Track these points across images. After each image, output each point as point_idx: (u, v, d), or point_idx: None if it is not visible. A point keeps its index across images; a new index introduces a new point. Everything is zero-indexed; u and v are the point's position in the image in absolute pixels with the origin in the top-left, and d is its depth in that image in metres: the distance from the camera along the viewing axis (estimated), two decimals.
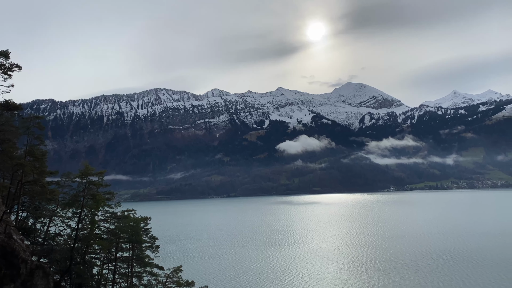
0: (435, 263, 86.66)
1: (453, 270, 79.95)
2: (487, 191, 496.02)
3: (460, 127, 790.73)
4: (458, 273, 77.31)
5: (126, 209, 44.82)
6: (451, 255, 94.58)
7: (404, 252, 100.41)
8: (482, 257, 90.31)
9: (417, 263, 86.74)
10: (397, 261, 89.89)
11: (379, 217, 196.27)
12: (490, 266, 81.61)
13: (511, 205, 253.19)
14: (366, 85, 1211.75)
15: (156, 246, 44.15)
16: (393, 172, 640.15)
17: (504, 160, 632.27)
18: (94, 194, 43.04)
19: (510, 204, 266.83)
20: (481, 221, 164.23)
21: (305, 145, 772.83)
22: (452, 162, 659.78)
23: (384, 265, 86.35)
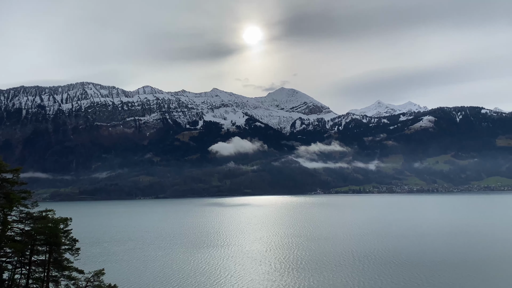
0: (358, 263, 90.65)
1: (375, 269, 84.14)
2: (404, 195, 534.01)
3: (383, 135, 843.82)
4: (380, 272, 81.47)
5: (44, 209, 41.08)
6: (373, 255, 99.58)
7: (330, 252, 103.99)
8: (401, 257, 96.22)
9: (342, 263, 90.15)
10: (323, 261, 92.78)
11: (306, 219, 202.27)
12: (409, 266, 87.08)
13: (426, 209, 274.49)
14: (298, 91, 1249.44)
15: (77, 248, 41.02)
16: (321, 176, 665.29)
17: (420, 167, 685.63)
18: (8, 192, 39.01)
19: (424, 207, 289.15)
20: (399, 223, 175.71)
21: (238, 147, 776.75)
22: (374, 168, 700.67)
23: (311, 265, 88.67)
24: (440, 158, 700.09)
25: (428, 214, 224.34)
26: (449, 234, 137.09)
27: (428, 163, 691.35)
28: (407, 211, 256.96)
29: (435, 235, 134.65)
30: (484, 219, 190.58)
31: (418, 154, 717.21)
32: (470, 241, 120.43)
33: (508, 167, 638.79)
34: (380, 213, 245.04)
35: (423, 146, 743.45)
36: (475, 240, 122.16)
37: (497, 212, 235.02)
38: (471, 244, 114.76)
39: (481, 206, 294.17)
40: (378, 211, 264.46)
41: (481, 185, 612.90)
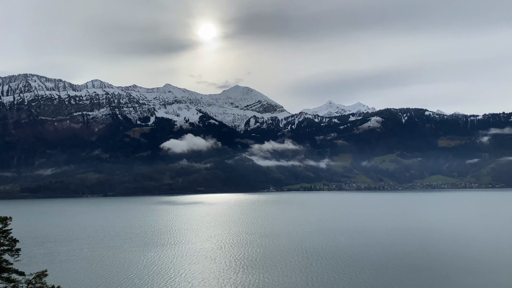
0: (310, 259, 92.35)
1: (326, 265, 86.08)
2: (353, 193, 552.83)
3: (333, 134, 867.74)
4: (331, 267, 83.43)
5: None
6: (324, 251, 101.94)
7: (282, 249, 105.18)
8: (350, 252, 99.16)
9: (294, 260, 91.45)
10: (276, 258, 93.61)
11: (259, 216, 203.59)
12: (357, 260, 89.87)
13: (373, 206, 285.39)
14: (253, 90, 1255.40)
15: (17, 249, 38.32)
16: (273, 174, 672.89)
17: (368, 165, 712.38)
18: None
19: (371, 204, 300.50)
20: (348, 220, 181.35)
21: (191, 144, 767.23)
22: (325, 166, 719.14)
23: (264, 262, 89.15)
24: (387, 157, 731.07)
25: (375, 211, 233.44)
26: (395, 230, 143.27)
27: (375, 162, 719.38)
28: (356, 208, 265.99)
29: (382, 231, 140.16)
30: (427, 215, 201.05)
31: (366, 153, 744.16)
32: (414, 236, 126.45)
33: (448, 166, 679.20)
34: (330, 210, 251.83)
35: (371, 145, 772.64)
36: (420, 235, 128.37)
37: (439, 208, 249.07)
38: (416, 239, 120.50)
39: (424, 203, 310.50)
40: (328, 208, 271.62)
41: (424, 183, 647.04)
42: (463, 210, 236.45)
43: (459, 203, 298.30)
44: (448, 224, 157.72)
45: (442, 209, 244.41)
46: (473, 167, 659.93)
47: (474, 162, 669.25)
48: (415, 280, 72.11)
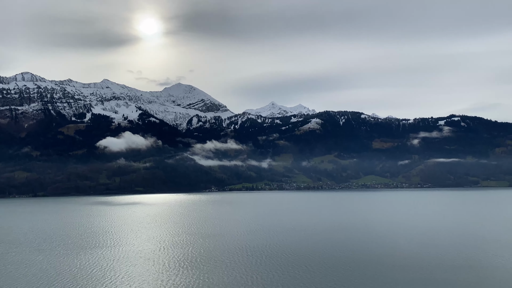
0: (251, 258, 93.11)
1: (267, 263, 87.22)
2: (293, 192, 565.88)
3: (275, 135, 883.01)
4: (271, 266, 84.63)
5: None
6: (265, 250, 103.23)
7: (224, 249, 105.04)
8: (290, 251, 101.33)
9: (236, 259, 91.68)
10: (218, 258, 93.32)
11: (201, 217, 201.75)
12: (297, 258, 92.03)
13: (312, 205, 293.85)
14: (196, 88, 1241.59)
15: None
16: (216, 174, 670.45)
17: (307, 165, 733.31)
18: None
19: (310, 203, 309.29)
20: (288, 218, 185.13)
21: (130, 142, 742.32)
22: (267, 166, 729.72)
23: (206, 262, 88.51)
24: (325, 158, 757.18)
25: (313, 210, 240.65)
26: (333, 227, 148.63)
27: (314, 162, 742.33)
28: (295, 206, 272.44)
29: (321, 229, 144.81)
30: (362, 214, 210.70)
31: (306, 154, 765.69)
32: (351, 234, 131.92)
33: (382, 167, 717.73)
34: (271, 209, 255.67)
35: (311, 146, 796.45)
36: (355, 234, 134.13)
37: (374, 207, 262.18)
38: (351, 237, 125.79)
39: (359, 201, 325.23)
40: (268, 207, 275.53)
41: (359, 183, 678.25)
42: (395, 208, 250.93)
43: (391, 202, 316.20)
44: (382, 222, 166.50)
45: (377, 207, 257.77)
46: (404, 168, 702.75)
47: (405, 163, 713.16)
48: (353, 277, 75.24)
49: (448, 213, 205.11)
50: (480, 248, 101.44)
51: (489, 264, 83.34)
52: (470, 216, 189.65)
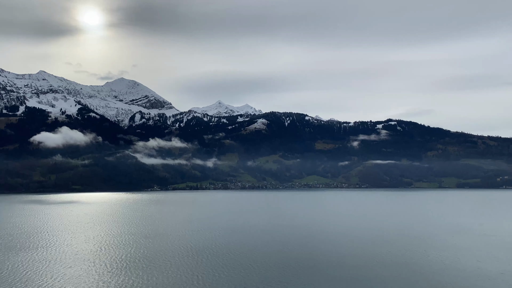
0: (195, 258, 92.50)
1: (210, 263, 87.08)
2: (238, 191, 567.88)
3: (221, 134, 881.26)
4: (214, 266, 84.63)
5: None
6: (208, 249, 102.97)
7: (166, 249, 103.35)
8: (234, 250, 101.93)
9: (179, 259, 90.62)
10: (160, 258, 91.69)
11: (142, 216, 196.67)
12: (242, 258, 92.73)
13: (257, 205, 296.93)
14: (140, 84, 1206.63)
15: None
16: (158, 172, 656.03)
17: (253, 165, 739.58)
18: None
19: (255, 203, 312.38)
20: (231, 218, 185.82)
21: (67, 138, 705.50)
22: (212, 165, 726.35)
23: (148, 263, 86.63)
24: (270, 158, 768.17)
25: (257, 209, 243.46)
26: (275, 227, 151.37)
27: (259, 162, 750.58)
28: (238, 206, 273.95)
29: (263, 228, 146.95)
30: (304, 213, 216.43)
31: (251, 153, 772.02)
32: (292, 233, 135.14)
33: (323, 168, 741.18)
34: (215, 208, 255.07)
35: (256, 146, 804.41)
36: (297, 233, 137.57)
37: (314, 206, 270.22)
38: (294, 236, 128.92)
39: (302, 201, 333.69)
40: (212, 207, 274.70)
41: (302, 182, 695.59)
42: (335, 208, 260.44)
43: (332, 201, 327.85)
44: (323, 221, 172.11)
45: (318, 207, 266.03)
46: (344, 169, 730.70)
47: (345, 164, 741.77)
48: (296, 276, 77.21)
49: (384, 213, 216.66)
50: (412, 246, 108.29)
51: (420, 261, 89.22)
52: (403, 216, 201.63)
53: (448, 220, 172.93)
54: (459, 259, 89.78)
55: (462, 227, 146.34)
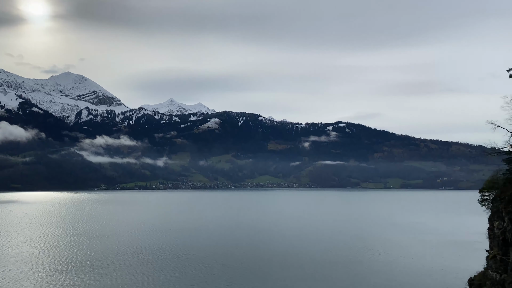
0: (142, 259, 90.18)
1: (160, 264, 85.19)
2: (189, 191, 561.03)
3: (173, 133, 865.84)
4: (165, 267, 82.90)
5: None
6: (159, 250, 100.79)
7: (113, 250, 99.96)
8: (185, 251, 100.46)
9: (127, 261, 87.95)
10: (106, 260, 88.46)
11: (88, 217, 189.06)
12: (191, 258, 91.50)
13: (208, 205, 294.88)
14: (88, 79, 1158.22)
15: None
16: (106, 171, 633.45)
17: (205, 165, 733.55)
18: None
19: (206, 203, 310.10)
20: (182, 218, 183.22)
21: (6, 134, 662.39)
22: (163, 164, 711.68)
23: (94, 265, 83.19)
24: (223, 157, 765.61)
25: (209, 209, 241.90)
26: (226, 227, 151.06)
27: (212, 162, 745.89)
28: (189, 206, 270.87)
29: (215, 228, 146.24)
30: (255, 213, 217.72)
31: (204, 153, 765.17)
32: (243, 233, 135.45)
33: (275, 168, 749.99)
34: (165, 208, 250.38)
35: (209, 145, 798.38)
36: (248, 233, 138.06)
37: (264, 206, 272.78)
38: (245, 236, 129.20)
39: (252, 201, 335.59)
40: (163, 207, 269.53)
41: (254, 182, 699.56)
42: (286, 207, 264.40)
43: (283, 201, 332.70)
44: (273, 221, 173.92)
45: (269, 206, 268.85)
46: (295, 169, 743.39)
47: (296, 164, 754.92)
48: (245, 275, 77.28)
49: (332, 213, 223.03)
50: (358, 245, 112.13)
51: (366, 259, 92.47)
52: (350, 215, 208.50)
53: (392, 219, 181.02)
54: (402, 256, 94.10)
55: (405, 226, 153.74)
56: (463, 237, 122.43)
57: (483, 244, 55.20)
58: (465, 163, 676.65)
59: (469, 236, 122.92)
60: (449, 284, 68.19)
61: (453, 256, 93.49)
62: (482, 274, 55.94)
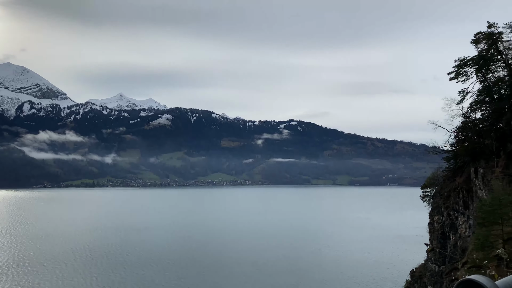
0: (91, 259, 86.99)
1: (108, 264, 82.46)
2: (138, 189, 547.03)
3: (122, 129, 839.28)
4: (113, 267, 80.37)
5: None
6: (107, 250, 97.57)
7: (59, 251, 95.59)
8: (134, 250, 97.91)
9: (73, 261, 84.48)
10: (52, 260, 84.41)
11: (30, 216, 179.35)
12: (140, 257, 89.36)
13: (159, 203, 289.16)
14: (30, 70, 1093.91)
15: None
16: (50, 168, 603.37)
17: (155, 162, 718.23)
18: None
19: (157, 202, 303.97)
20: (132, 217, 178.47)
21: None
22: (111, 161, 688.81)
23: (37, 266, 78.95)
24: (174, 155, 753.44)
25: (159, 208, 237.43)
26: (176, 225, 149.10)
27: (163, 159, 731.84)
28: (140, 204, 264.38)
29: (165, 227, 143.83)
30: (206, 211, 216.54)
31: (154, 150, 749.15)
32: (193, 232, 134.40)
33: (228, 165, 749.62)
34: (113, 207, 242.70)
35: (160, 142, 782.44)
36: (198, 231, 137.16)
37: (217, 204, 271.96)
38: (195, 234, 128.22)
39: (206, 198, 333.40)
40: (111, 205, 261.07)
41: (206, 180, 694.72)
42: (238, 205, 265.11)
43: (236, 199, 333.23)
44: (226, 219, 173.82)
45: (222, 204, 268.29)
46: (248, 166, 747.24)
47: (249, 162, 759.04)
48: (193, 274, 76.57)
49: (283, 209, 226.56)
50: (307, 240, 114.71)
51: (315, 254, 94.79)
52: (300, 211, 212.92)
53: (341, 215, 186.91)
54: (351, 251, 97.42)
55: (353, 222, 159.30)
56: (406, 232, 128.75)
57: (425, 238, 58.39)
58: (408, 161, 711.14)
59: (411, 231, 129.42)
60: (394, 276, 71.48)
61: (397, 250, 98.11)
62: (422, 266, 59.18)
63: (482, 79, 52.84)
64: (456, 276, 22.39)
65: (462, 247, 51.38)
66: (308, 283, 69.37)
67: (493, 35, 50.20)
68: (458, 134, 53.89)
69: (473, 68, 52.68)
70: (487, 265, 5.98)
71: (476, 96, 53.72)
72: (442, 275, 52.80)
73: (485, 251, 36.50)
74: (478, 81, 53.12)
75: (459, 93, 54.24)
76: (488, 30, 50.34)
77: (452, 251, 53.06)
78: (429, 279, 54.71)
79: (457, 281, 2.63)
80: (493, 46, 50.39)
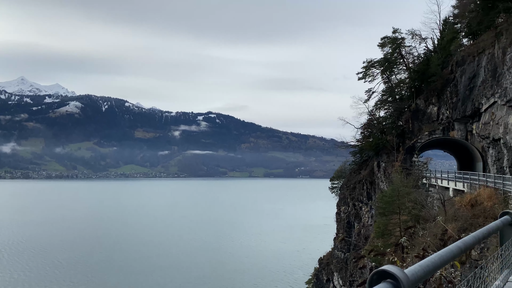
0: None
1: (8, 262, 75.80)
2: (41, 181, 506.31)
3: (24, 115, 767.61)
4: (14, 265, 74.11)
5: None
6: (7, 247, 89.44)
7: None
8: (38, 247, 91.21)
9: None
10: None
11: None
12: (44, 254, 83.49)
13: (63, 197, 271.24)
14: None
15: None
16: None
17: (62, 152, 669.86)
18: None
19: (61, 195, 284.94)
20: (33, 212, 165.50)
21: None
22: (10, 151, 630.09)
23: None
24: (83, 145, 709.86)
25: (64, 201, 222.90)
26: (82, 221, 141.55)
27: (70, 149, 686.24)
28: (43, 198, 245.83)
29: (70, 222, 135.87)
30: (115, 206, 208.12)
31: (61, 139, 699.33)
32: (103, 227, 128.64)
33: (142, 157, 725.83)
34: (11, 201, 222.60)
35: (67, 131, 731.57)
36: (108, 226, 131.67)
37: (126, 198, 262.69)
38: (105, 230, 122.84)
39: (116, 192, 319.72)
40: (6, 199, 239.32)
41: (118, 172, 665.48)
42: (149, 199, 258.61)
43: (148, 192, 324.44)
44: (136, 213, 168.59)
45: (133, 198, 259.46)
46: (164, 158, 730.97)
47: (165, 153, 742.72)
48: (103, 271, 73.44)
49: (197, 201, 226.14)
50: (222, 232, 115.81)
51: (230, 245, 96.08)
52: (215, 203, 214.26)
53: (256, 206, 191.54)
54: (265, 241, 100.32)
55: (268, 213, 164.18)
56: (316, 222, 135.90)
57: (333, 227, 62.05)
58: (319, 154, 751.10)
59: (321, 220, 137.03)
60: (304, 263, 75.12)
61: (308, 239, 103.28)
62: (330, 253, 63.13)
63: (386, 80, 57.76)
64: (364, 263, 23.98)
65: (365, 235, 55.75)
66: (221, 273, 70.06)
67: (397, 40, 54.89)
68: (364, 130, 58.51)
69: (379, 70, 57.19)
70: (390, 252, 6.01)
71: (380, 95, 58.66)
72: (347, 261, 56.81)
73: (385, 238, 39.92)
74: (383, 82, 58.01)
75: (366, 92, 58.76)
76: (393, 35, 54.87)
77: (356, 239, 57.33)
78: (335, 265, 58.56)
79: (372, 272, 2.81)
80: (397, 50, 55.03)
